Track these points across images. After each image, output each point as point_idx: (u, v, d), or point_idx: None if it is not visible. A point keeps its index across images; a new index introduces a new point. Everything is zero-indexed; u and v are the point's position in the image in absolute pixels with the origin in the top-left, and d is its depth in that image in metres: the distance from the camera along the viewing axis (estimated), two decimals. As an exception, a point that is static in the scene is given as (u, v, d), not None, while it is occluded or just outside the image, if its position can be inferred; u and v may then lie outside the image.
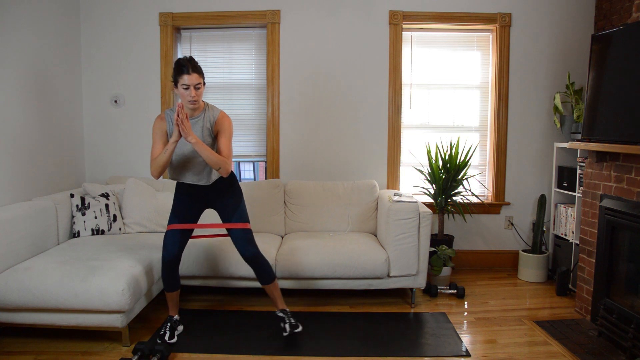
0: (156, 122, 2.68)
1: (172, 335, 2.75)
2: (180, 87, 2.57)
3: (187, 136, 2.49)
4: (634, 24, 2.74)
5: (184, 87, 2.55)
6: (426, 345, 2.78)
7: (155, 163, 2.60)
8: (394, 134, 4.10)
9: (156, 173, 2.62)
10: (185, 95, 2.57)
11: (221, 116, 2.70)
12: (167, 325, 2.79)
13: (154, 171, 2.62)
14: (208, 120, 2.68)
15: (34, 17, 3.44)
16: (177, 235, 2.74)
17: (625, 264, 2.90)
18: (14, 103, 3.24)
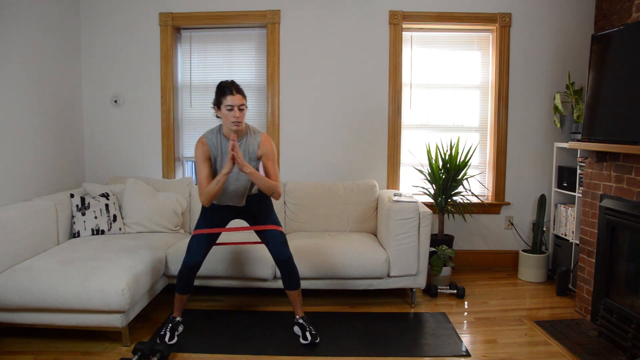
0: (199, 148, 2.67)
1: (172, 336, 2.74)
2: (224, 109, 2.57)
3: (243, 167, 2.51)
4: (634, 24, 2.74)
5: (228, 108, 2.56)
6: (426, 345, 2.78)
7: (207, 193, 2.60)
8: (394, 134, 4.10)
9: (207, 202, 2.64)
10: (229, 116, 2.56)
11: (264, 139, 2.71)
12: (168, 325, 2.79)
13: (205, 200, 2.63)
14: (251, 143, 2.68)
15: (34, 17, 3.44)
16: (202, 241, 2.75)
17: (625, 264, 2.90)
18: (14, 103, 3.24)
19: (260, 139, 2.70)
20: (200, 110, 4.22)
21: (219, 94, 2.59)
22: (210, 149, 2.67)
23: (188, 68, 4.20)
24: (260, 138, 2.71)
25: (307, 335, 2.74)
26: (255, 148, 2.70)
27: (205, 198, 2.62)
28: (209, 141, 2.68)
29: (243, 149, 2.67)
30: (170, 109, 4.11)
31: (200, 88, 4.21)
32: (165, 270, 3.21)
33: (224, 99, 2.56)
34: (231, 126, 2.59)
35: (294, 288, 2.82)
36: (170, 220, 3.64)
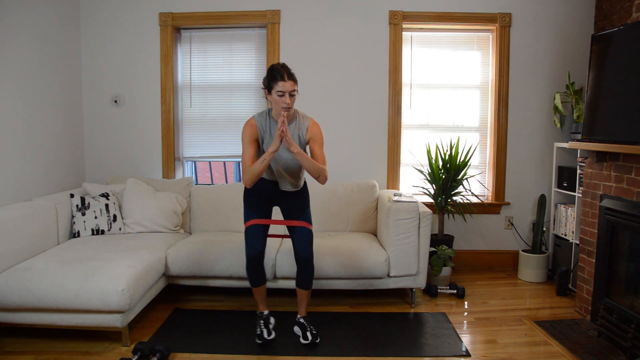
0: (247, 129, 2.64)
1: (269, 332, 2.73)
2: (275, 94, 2.54)
3: (290, 146, 2.49)
4: (634, 24, 2.74)
5: (279, 94, 2.53)
6: (426, 345, 2.78)
7: (251, 172, 2.56)
8: (394, 134, 4.10)
9: (250, 182, 2.59)
10: (279, 102, 2.54)
11: (312, 124, 2.70)
12: (260, 322, 2.78)
13: (248, 180, 2.58)
14: (300, 127, 2.67)
15: (34, 17, 3.44)
16: (259, 230, 2.73)
17: (625, 264, 2.90)
18: (13, 103, 3.24)
19: (308, 124, 2.70)
20: (200, 110, 4.22)
21: (270, 78, 2.56)
22: (258, 130, 2.65)
23: (188, 68, 4.20)
24: (309, 122, 2.70)
25: (308, 335, 2.75)
26: (304, 132, 2.69)
27: (249, 177, 2.57)
28: (258, 123, 2.66)
29: (292, 133, 2.64)
30: (170, 109, 4.11)
31: (200, 88, 4.21)
32: (165, 270, 3.21)
33: (276, 84, 2.53)
34: (280, 111, 2.57)
35: (307, 288, 2.82)
36: (170, 220, 3.64)
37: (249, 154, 2.62)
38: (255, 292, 2.82)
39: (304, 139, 2.69)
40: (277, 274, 3.22)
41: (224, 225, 3.80)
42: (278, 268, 3.21)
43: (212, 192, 3.90)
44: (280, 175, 2.71)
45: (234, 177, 7.92)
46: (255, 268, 2.74)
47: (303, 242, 2.74)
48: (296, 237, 2.76)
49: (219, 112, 4.22)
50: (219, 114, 4.21)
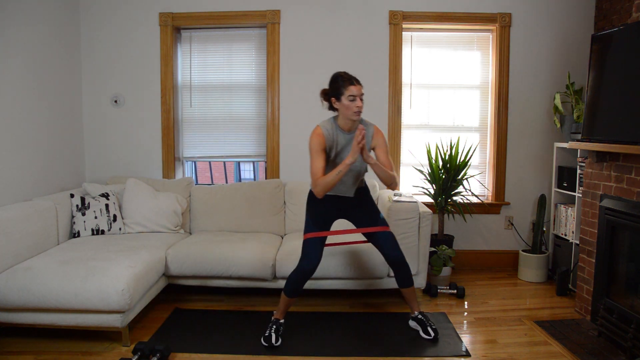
0: (316, 138, 2.64)
1: (277, 338, 2.74)
2: (346, 99, 2.58)
3: (368, 158, 2.52)
4: (634, 24, 2.74)
5: (351, 99, 2.57)
6: (426, 345, 2.78)
7: (325, 184, 2.56)
8: (394, 134, 4.10)
9: (323, 193, 2.60)
10: (351, 106, 2.58)
11: (376, 131, 2.72)
12: (272, 327, 2.78)
13: (320, 191, 2.58)
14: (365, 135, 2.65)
15: (34, 17, 3.44)
16: (318, 245, 2.73)
17: (625, 264, 2.90)
18: (14, 103, 3.24)
19: (372, 131, 2.72)
20: (200, 110, 4.22)
21: (339, 85, 2.61)
22: (326, 139, 2.66)
23: (188, 68, 4.20)
24: (373, 130, 2.72)
25: (429, 330, 2.80)
26: (369, 140, 2.71)
27: (321, 189, 2.57)
28: (325, 132, 2.66)
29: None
30: (170, 109, 4.11)
31: (200, 88, 4.21)
32: (165, 270, 3.21)
33: (346, 89, 2.57)
34: (352, 116, 2.61)
35: (408, 286, 2.83)
36: (170, 220, 3.64)
37: (319, 165, 2.60)
38: (285, 301, 2.80)
39: (369, 146, 2.71)
40: (277, 274, 3.22)
41: (224, 225, 3.80)
42: (278, 268, 3.21)
43: (212, 192, 3.90)
44: (343, 183, 2.73)
45: (234, 177, 7.93)
46: (302, 281, 2.73)
47: (391, 246, 2.75)
48: (382, 243, 2.78)
49: (219, 112, 4.22)
50: (219, 114, 4.21)
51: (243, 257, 3.20)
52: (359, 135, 2.45)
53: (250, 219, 3.79)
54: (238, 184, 4.17)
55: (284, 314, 2.85)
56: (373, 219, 2.81)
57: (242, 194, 3.86)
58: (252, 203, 3.82)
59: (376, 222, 2.80)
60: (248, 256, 3.20)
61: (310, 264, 2.69)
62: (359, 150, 2.48)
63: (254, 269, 3.18)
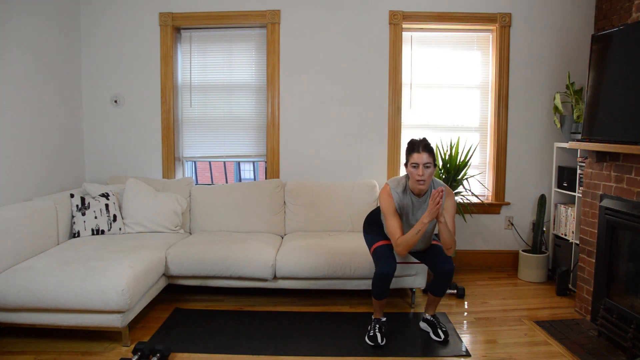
0: (386, 200, 2.71)
1: (382, 337, 2.77)
2: (410, 166, 2.62)
3: (440, 217, 2.55)
4: (634, 24, 2.74)
5: (413, 166, 2.60)
6: (426, 346, 2.78)
7: (406, 243, 2.62)
8: (394, 134, 4.10)
9: (405, 251, 2.67)
10: (414, 174, 2.61)
11: (448, 193, 2.73)
12: (375, 327, 2.81)
13: (402, 250, 2.66)
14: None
15: (34, 17, 3.44)
16: (390, 249, 2.79)
17: (625, 264, 2.90)
18: (14, 103, 3.24)
19: (445, 192, 2.70)
20: (200, 110, 4.22)
21: (408, 150, 2.66)
22: (396, 202, 2.71)
23: (188, 68, 4.20)
24: (446, 192, 2.71)
25: (439, 332, 2.82)
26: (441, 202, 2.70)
27: (404, 248, 2.64)
28: (395, 195, 2.72)
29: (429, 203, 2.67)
30: (170, 109, 4.11)
31: (200, 88, 4.21)
32: (166, 270, 3.21)
33: (411, 156, 2.62)
34: (416, 184, 2.64)
35: (441, 295, 2.88)
36: (170, 220, 3.64)
37: (396, 225, 2.68)
38: (378, 304, 2.85)
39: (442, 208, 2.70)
40: (277, 274, 3.22)
41: (224, 225, 3.80)
42: (278, 268, 3.21)
43: (212, 192, 3.90)
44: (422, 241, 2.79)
45: (234, 177, 7.94)
46: (386, 284, 2.75)
47: (444, 260, 2.75)
48: (434, 256, 2.80)
49: (219, 112, 4.22)
50: (219, 114, 4.21)
51: (243, 257, 3.20)
52: (437, 197, 2.48)
53: (250, 219, 3.79)
54: (238, 184, 4.17)
55: (382, 313, 2.88)
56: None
57: (243, 194, 3.86)
58: (252, 203, 3.82)
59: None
60: (248, 256, 3.20)
61: (388, 267, 2.71)
62: (437, 212, 2.51)
63: (254, 269, 3.18)
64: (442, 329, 2.83)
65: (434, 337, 2.83)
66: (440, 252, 2.79)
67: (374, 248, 2.83)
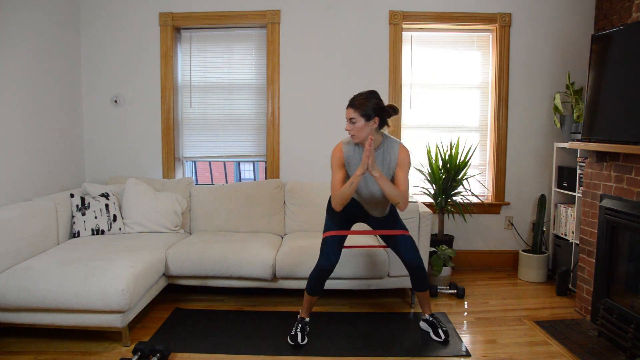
0: (336, 153, 2.69)
1: (303, 337, 2.76)
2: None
3: (372, 170, 2.51)
4: (634, 24, 2.74)
5: (346, 119, 2.60)
6: (426, 346, 2.78)
7: (340, 196, 2.59)
8: (394, 134, 4.09)
9: (340, 206, 2.63)
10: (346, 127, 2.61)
11: (401, 149, 2.71)
12: (298, 326, 2.80)
13: (337, 204, 2.62)
14: (389, 152, 2.68)
15: (34, 17, 3.44)
16: (336, 244, 2.76)
17: (625, 264, 2.90)
18: (13, 103, 3.24)
19: (398, 149, 2.70)
20: (200, 110, 4.22)
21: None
22: (345, 155, 2.69)
23: (188, 68, 4.20)
24: (398, 148, 2.70)
25: (440, 332, 2.80)
26: (392, 158, 2.69)
27: (337, 201, 2.61)
28: (345, 148, 2.70)
29: (381, 158, 2.67)
30: (170, 109, 4.11)
31: (200, 88, 4.21)
32: (165, 270, 3.21)
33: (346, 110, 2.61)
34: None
35: (425, 289, 2.86)
36: (170, 220, 3.64)
37: (337, 178, 2.65)
38: (307, 300, 2.83)
39: (393, 164, 2.69)
40: (277, 274, 3.22)
41: (224, 225, 3.80)
42: (278, 268, 3.21)
43: (212, 192, 3.90)
44: (366, 203, 2.76)
45: (234, 177, 7.93)
46: (322, 279, 2.76)
47: (410, 251, 2.76)
48: (401, 246, 2.78)
49: (219, 112, 4.22)
50: (219, 114, 4.21)
51: (243, 257, 3.20)
52: (367, 146, 2.46)
53: (250, 219, 3.79)
54: (238, 184, 4.17)
55: (309, 312, 2.87)
56: (392, 222, 2.84)
57: (242, 194, 3.86)
58: (252, 203, 3.82)
59: (395, 226, 2.82)
60: (248, 256, 3.20)
61: (328, 261, 2.71)
62: (367, 164, 2.49)
63: (253, 269, 3.18)
64: (442, 329, 2.83)
65: (434, 337, 2.83)
66: (405, 243, 2.76)
67: (324, 237, 2.79)
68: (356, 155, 2.68)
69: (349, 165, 2.70)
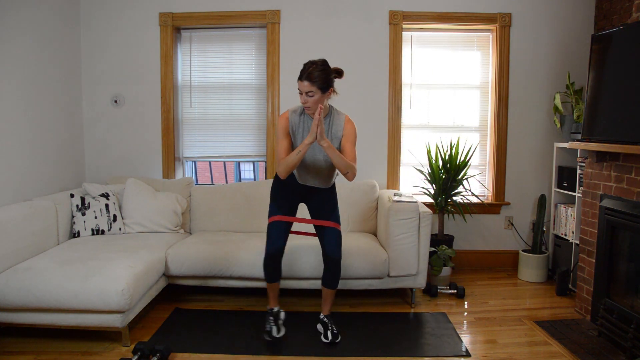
0: (281, 122, 2.68)
1: (279, 328, 2.75)
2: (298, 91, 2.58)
3: (321, 139, 2.49)
4: (634, 24, 2.74)
5: (299, 92, 2.56)
6: (426, 345, 2.78)
7: (285, 164, 2.58)
8: (394, 134, 4.10)
9: (285, 173, 2.61)
10: (301, 99, 2.58)
11: (347, 121, 2.70)
12: (270, 319, 2.79)
13: (282, 171, 2.60)
14: (335, 124, 2.68)
15: (34, 17, 3.44)
16: (282, 227, 2.75)
17: (625, 264, 2.90)
18: (13, 103, 3.24)
19: (343, 120, 2.70)
20: (200, 110, 4.22)
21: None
22: (291, 124, 2.67)
23: (188, 68, 4.20)
24: (344, 119, 2.70)
25: (328, 334, 2.77)
26: (338, 129, 2.69)
27: (283, 168, 2.59)
28: (291, 117, 2.68)
29: (327, 128, 2.66)
30: (170, 108, 4.11)
31: (200, 88, 4.21)
32: (166, 270, 3.21)
33: (298, 82, 2.56)
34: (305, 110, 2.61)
35: (333, 288, 2.85)
36: (170, 220, 3.64)
37: (283, 147, 2.64)
38: (269, 288, 2.84)
39: (339, 135, 2.69)
40: (277, 274, 3.22)
41: (224, 225, 3.80)
42: (278, 268, 3.20)
43: (212, 192, 3.90)
44: (309, 172, 2.73)
45: (234, 177, 7.93)
46: (273, 264, 2.76)
47: (333, 244, 2.75)
48: (326, 238, 2.77)
49: (219, 112, 4.22)
50: (219, 114, 4.21)
51: (243, 257, 3.20)
52: (317, 115, 2.44)
53: (250, 219, 3.79)
54: (238, 184, 4.17)
55: (276, 301, 2.86)
56: (327, 212, 2.80)
57: (242, 194, 3.86)
58: (252, 203, 3.82)
59: (329, 217, 2.79)
60: (248, 256, 3.20)
61: (273, 247, 2.72)
62: (315, 133, 2.46)
63: (253, 268, 3.18)
64: (332, 332, 2.77)
65: (323, 338, 2.79)
66: (331, 236, 2.75)
67: (269, 222, 2.77)
68: (302, 125, 2.67)
69: (294, 134, 2.68)
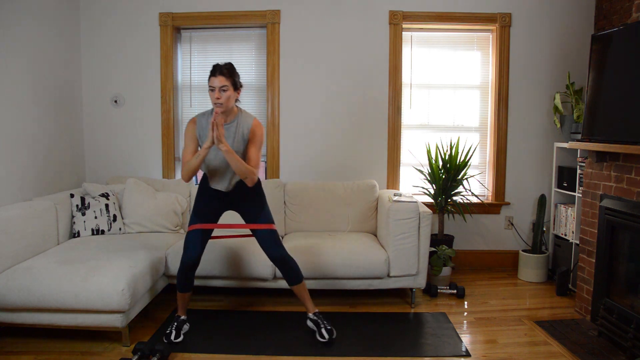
0: (189, 126, 2.71)
1: (177, 335, 2.76)
2: (209, 89, 2.59)
3: (219, 143, 2.49)
4: (634, 24, 2.74)
5: (211, 89, 2.58)
6: (426, 345, 2.78)
7: (186, 167, 2.63)
8: (394, 134, 4.10)
9: (186, 177, 2.65)
10: (212, 97, 2.59)
11: (255, 124, 2.71)
12: (173, 324, 2.81)
13: (184, 175, 2.65)
14: (243, 126, 2.68)
15: (34, 17, 3.44)
16: (198, 237, 2.74)
17: (625, 264, 2.90)
18: (14, 103, 3.24)
19: (251, 123, 2.70)
20: (200, 110, 4.19)
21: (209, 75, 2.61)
22: (198, 128, 2.70)
23: (188, 68, 4.20)
24: (252, 122, 2.71)
25: (323, 332, 2.74)
26: (246, 131, 2.69)
27: (185, 173, 2.64)
28: (199, 121, 2.71)
29: (234, 131, 2.67)
30: (170, 108, 4.11)
31: (200, 88, 4.21)
32: (165, 270, 3.21)
33: (209, 80, 2.58)
34: (215, 107, 2.60)
35: (296, 283, 2.82)
36: (170, 220, 3.64)
37: (187, 151, 2.69)
38: (180, 297, 2.84)
39: (246, 137, 2.69)
40: (277, 274, 3.22)
41: (224, 225, 3.80)
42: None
43: (212, 192, 3.89)
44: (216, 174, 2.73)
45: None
46: (187, 274, 2.77)
47: (270, 245, 2.75)
48: (260, 242, 2.78)
49: (219, 112, 4.21)
50: (219, 114, 4.21)
51: (243, 257, 3.20)
52: (212, 119, 2.46)
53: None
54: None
55: (184, 310, 2.88)
56: (255, 214, 2.79)
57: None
58: (252, 203, 3.82)
59: (257, 219, 2.78)
60: (248, 256, 3.20)
61: (189, 257, 2.72)
62: (213, 138, 2.47)
63: (254, 268, 3.18)
64: (326, 328, 2.75)
65: (318, 337, 2.76)
66: (264, 237, 2.74)
67: (188, 231, 2.77)
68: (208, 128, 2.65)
69: (201, 138, 2.70)
